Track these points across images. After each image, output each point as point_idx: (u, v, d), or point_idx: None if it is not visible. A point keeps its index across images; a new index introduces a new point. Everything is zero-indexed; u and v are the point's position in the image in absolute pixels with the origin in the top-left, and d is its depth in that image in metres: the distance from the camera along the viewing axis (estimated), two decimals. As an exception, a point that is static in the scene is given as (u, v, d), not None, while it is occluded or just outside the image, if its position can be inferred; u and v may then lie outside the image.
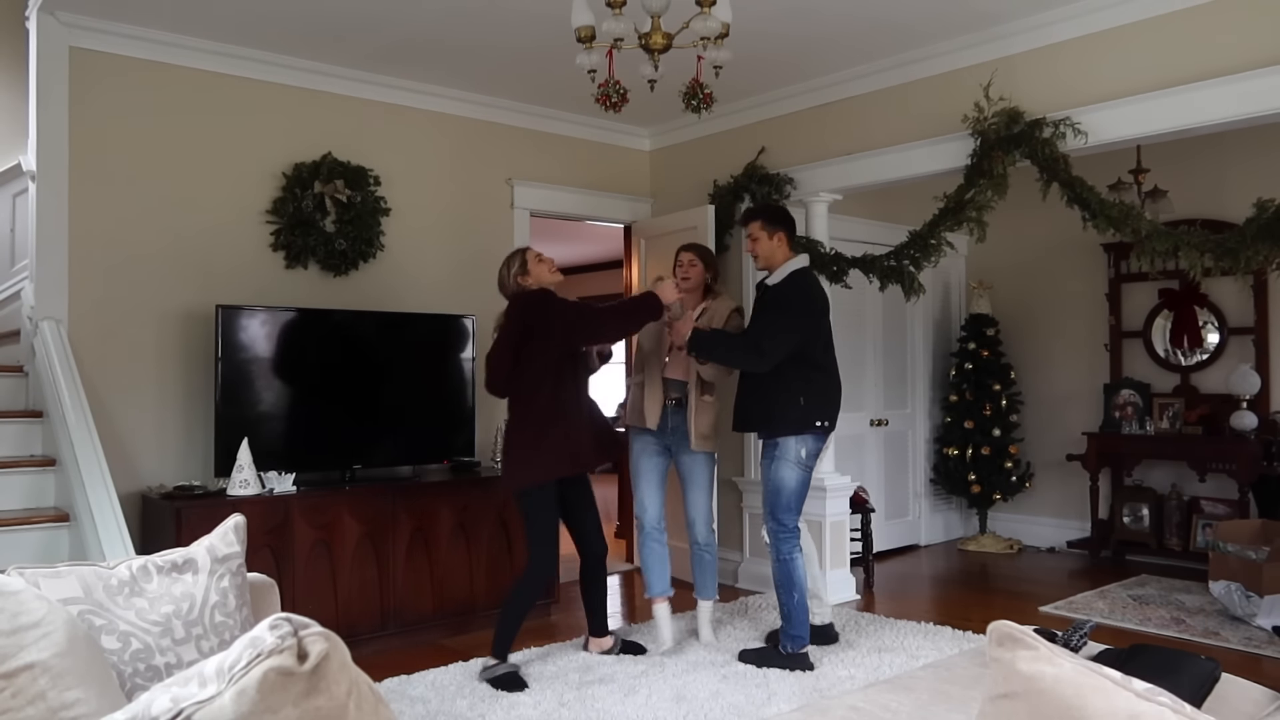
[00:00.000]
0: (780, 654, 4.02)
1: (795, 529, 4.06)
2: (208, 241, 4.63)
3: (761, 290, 4.22)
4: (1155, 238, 4.05)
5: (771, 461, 4.04)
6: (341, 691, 1.12)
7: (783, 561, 4.03)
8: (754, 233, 4.18)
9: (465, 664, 4.08)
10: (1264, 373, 5.75)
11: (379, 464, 4.84)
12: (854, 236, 5.81)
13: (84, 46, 4.30)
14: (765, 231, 4.15)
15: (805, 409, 4.00)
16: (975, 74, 4.54)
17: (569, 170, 5.95)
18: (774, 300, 4.10)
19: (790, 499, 4.03)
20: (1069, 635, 2.27)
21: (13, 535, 3.73)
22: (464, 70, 5.06)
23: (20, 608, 1.52)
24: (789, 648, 4.01)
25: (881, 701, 2.09)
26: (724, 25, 3.02)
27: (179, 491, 4.21)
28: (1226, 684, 1.98)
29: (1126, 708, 1.14)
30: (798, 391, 4.00)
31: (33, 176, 4.33)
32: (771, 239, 4.15)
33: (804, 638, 4.02)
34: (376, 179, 5.07)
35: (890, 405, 6.68)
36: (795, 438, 4.00)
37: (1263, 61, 3.68)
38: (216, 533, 2.19)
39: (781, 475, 4.02)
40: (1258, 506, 5.58)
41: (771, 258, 4.16)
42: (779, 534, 4.04)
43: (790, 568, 4.03)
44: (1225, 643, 4.36)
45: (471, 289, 5.48)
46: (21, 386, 4.34)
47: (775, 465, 4.03)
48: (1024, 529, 6.84)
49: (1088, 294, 6.58)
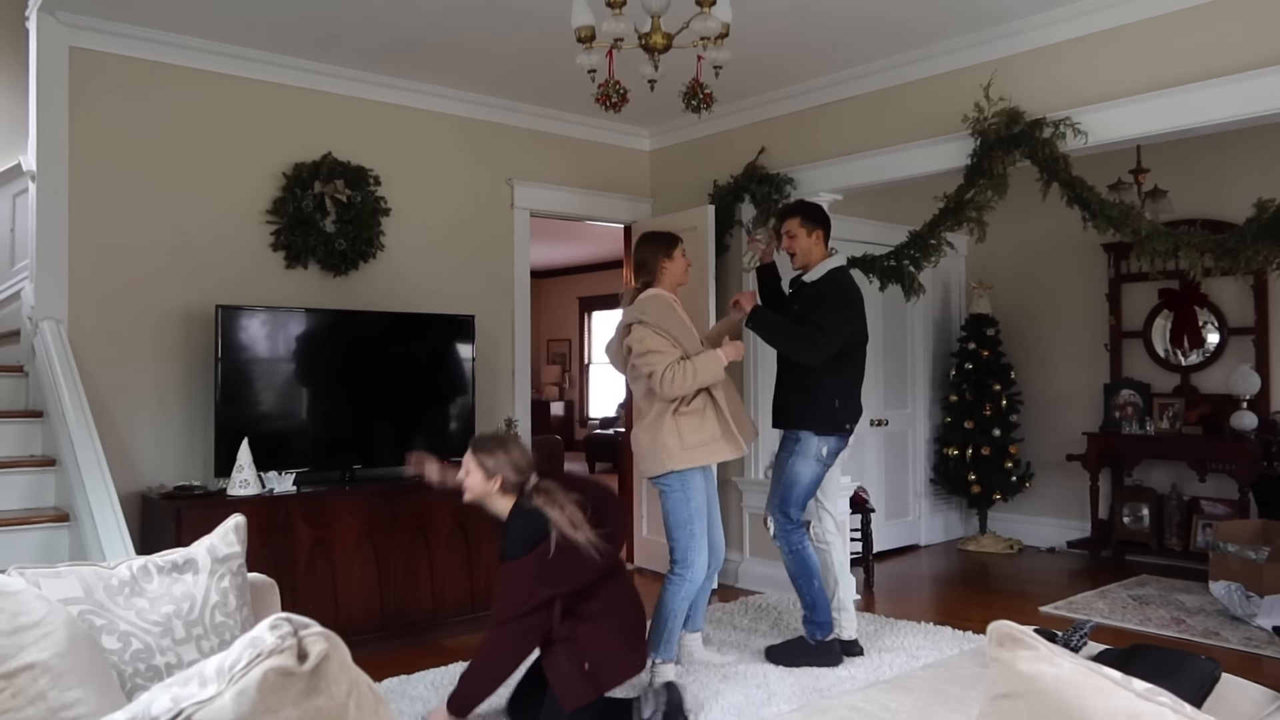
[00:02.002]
0: (810, 646, 4.00)
1: (801, 522, 4.06)
2: (208, 241, 4.63)
3: (798, 287, 4.19)
4: (1155, 238, 4.05)
5: (790, 455, 4.03)
6: (341, 691, 1.12)
7: (795, 553, 4.03)
8: (793, 230, 4.15)
9: (465, 664, 4.08)
10: (1264, 373, 5.75)
11: (379, 464, 4.83)
12: (854, 236, 5.80)
13: (84, 46, 4.30)
14: (804, 229, 4.13)
15: (838, 410, 4.00)
16: (975, 74, 4.53)
17: (569, 170, 5.95)
18: (816, 297, 4.05)
19: (802, 494, 4.03)
20: (1069, 635, 2.27)
21: (13, 535, 3.73)
22: (464, 70, 5.06)
23: (20, 608, 1.52)
24: (817, 635, 4.00)
25: (881, 701, 2.09)
26: (724, 25, 3.01)
27: (179, 491, 4.22)
28: (1226, 684, 1.98)
29: (1126, 708, 1.14)
30: (833, 391, 3.99)
31: (33, 176, 4.33)
32: (810, 236, 4.13)
33: (829, 624, 4.01)
34: (376, 179, 5.07)
35: (890, 405, 6.68)
36: (819, 436, 3.99)
37: (1263, 61, 3.68)
38: (217, 533, 2.19)
39: (799, 470, 4.00)
40: (1258, 506, 5.58)
41: (809, 255, 4.14)
42: (786, 527, 4.03)
43: (804, 556, 4.02)
44: (1225, 643, 4.36)
45: (471, 289, 5.48)
46: (21, 386, 4.34)
47: (794, 459, 4.01)
48: (1024, 529, 6.84)
49: (1088, 294, 6.58)
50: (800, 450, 4.00)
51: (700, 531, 3.72)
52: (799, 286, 4.18)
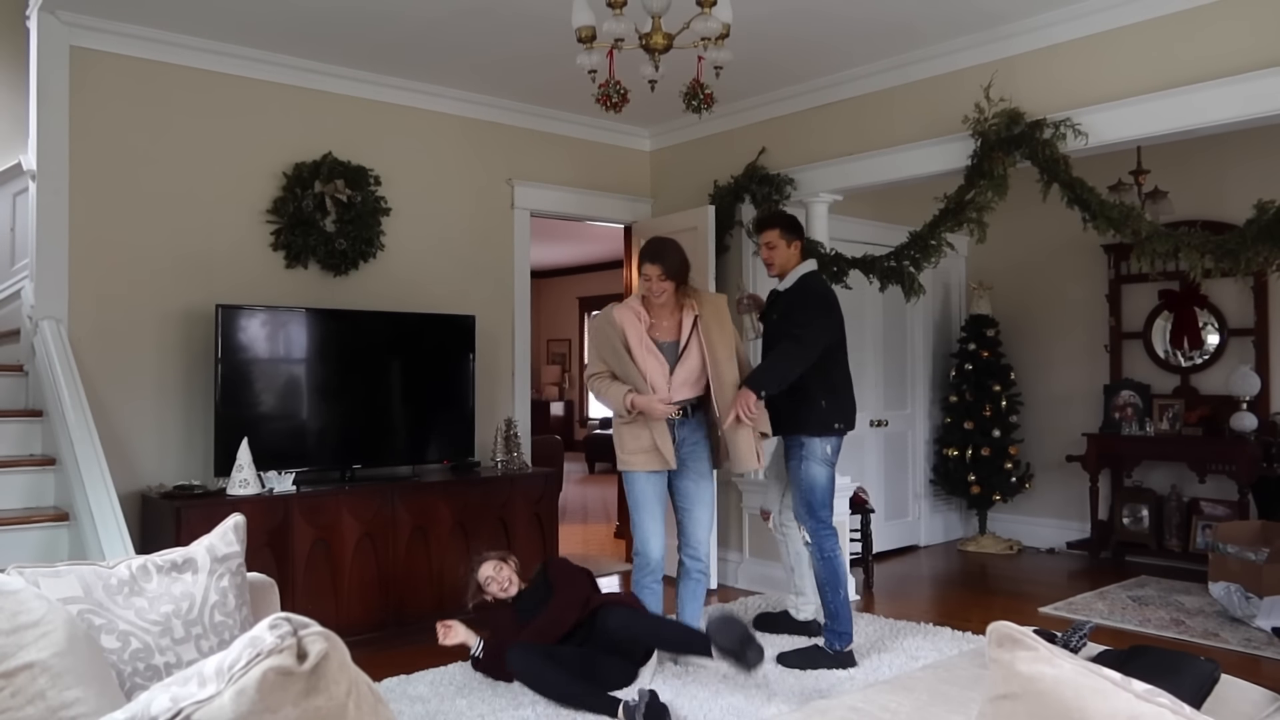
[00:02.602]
0: (828, 654, 4.01)
1: (833, 525, 4.09)
2: (208, 241, 4.63)
3: (774, 297, 4.25)
4: (1155, 239, 4.05)
5: (800, 462, 4.05)
6: (341, 691, 1.12)
7: (827, 559, 4.03)
8: (773, 240, 4.19)
9: (465, 664, 4.08)
10: (1264, 374, 5.75)
11: (379, 464, 4.84)
12: (854, 237, 5.81)
13: (84, 46, 4.30)
14: (784, 239, 4.18)
15: (826, 411, 4.02)
16: (975, 75, 4.54)
17: (569, 170, 5.95)
18: (790, 306, 4.12)
19: (824, 495, 4.05)
20: (1068, 636, 2.27)
21: (12, 535, 3.73)
22: (464, 70, 5.06)
23: (20, 607, 1.52)
24: (836, 646, 4.01)
25: (881, 702, 2.09)
26: (724, 25, 3.02)
27: (179, 491, 4.22)
28: (1226, 685, 1.98)
29: (1126, 709, 1.14)
30: (818, 393, 4.01)
31: (33, 176, 4.33)
32: (790, 247, 4.19)
33: (849, 634, 4.02)
34: (376, 179, 5.07)
35: (890, 406, 6.68)
36: (820, 438, 4.02)
37: (1263, 62, 3.68)
38: (216, 532, 2.19)
39: (813, 474, 4.02)
40: (1257, 508, 5.58)
41: (786, 265, 4.20)
42: (820, 531, 4.04)
43: (835, 564, 4.03)
44: (1225, 644, 4.36)
45: (471, 289, 5.48)
46: (21, 386, 4.34)
47: (806, 465, 4.03)
48: (1024, 530, 6.84)
49: (1088, 295, 6.58)
50: (807, 455, 4.02)
51: (640, 523, 3.96)
52: (774, 296, 4.25)
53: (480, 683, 3.84)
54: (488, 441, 5.30)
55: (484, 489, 4.87)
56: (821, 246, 5.18)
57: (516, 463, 5.18)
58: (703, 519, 4.03)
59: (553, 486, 5.28)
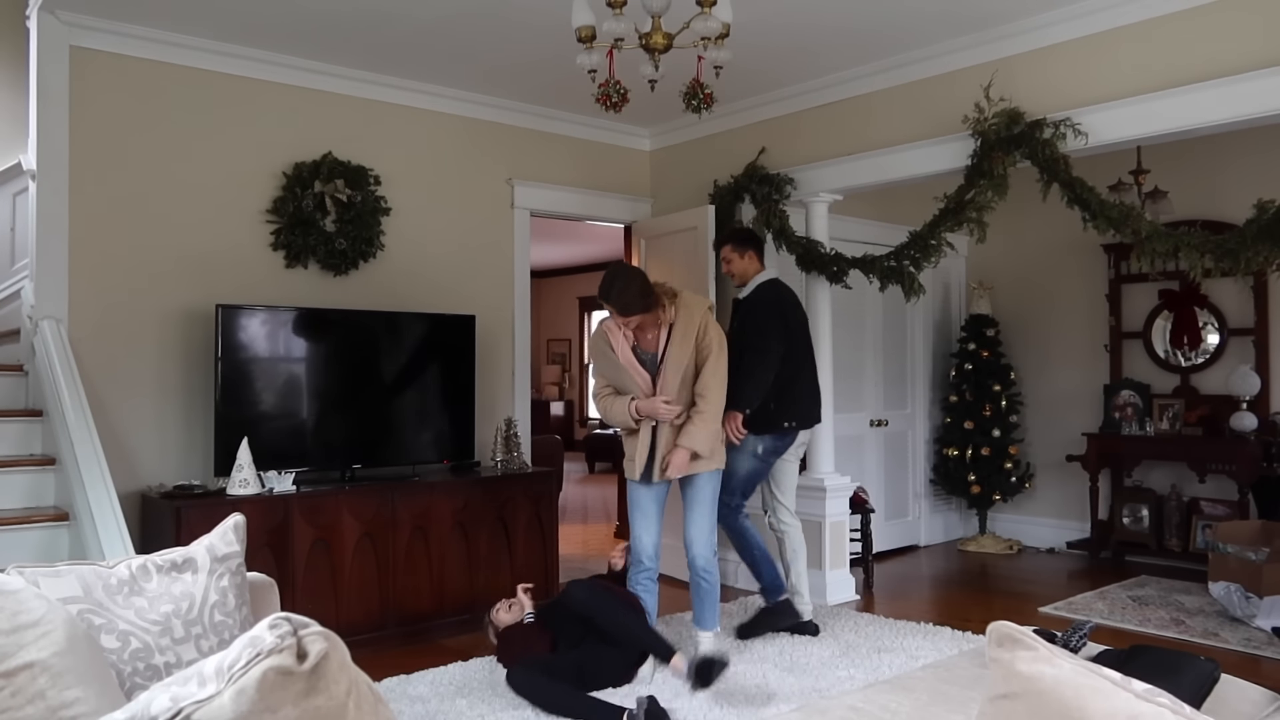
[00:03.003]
0: (769, 611, 4.37)
1: (739, 506, 4.44)
2: (208, 240, 4.63)
3: (735, 306, 4.57)
4: (1155, 239, 4.05)
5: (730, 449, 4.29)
6: (341, 691, 1.12)
7: (729, 528, 4.43)
8: (727, 255, 4.57)
9: (465, 664, 4.08)
10: (1264, 374, 5.75)
11: (379, 464, 4.83)
12: (854, 237, 5.81)
13: (84, 46, 4.30)
14: (736, 252, 4.53)
15: (773, 411, 4.32)
16: (975, 75, 4.54)
17: (569, 170, 5.95)
18: (748, 313, 4.44)
19: (738, 484, 4.38)
20: (1068, 636, 2.27)
21: (12, 534, 3.73)
22: (464, 70, 5.06)
23: (20, 607, 1.52)
24: (769, 598, 4.41)
25: (881, 702, 2.09)
26: (724, 25, 3.01)
27: (179, 491, 4.22)
28: (1226, 685, 1.98)
29: (1126, 708, 1.14)
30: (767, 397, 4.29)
31: (33, 176, 4.33)
32: (743, 258, 4.53)
33: (780, 586, 4.43)
34: (376, 179, 5.07)
35: (890, 405, 6.68)
36: (755, 435, 4.32)
37: (1263, 63, 3.68)
38: (216, 532, 2.19)
39: (735, 461, 4.30)
40: (1257, 507, 5.58)
41: (745, 274, 4.54)
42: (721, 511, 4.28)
43: (738, 531, 4.44)
44: (1225, 644, 4.36)
45: (471, 289, 5.48)
46: (21, 386, 4.34)
47: (733, 452, 4.28)
48: (1024, 529, 6.84)
49: (1088, 295, 6.58)
50: (740, 446, 4.31)
51: (633, 524, 4.15)
52: (736, 304, 4.58)
53: (480, 683, 3.84)
54: (488, 441, 5.30)
55: (484, 489, 4.87)
56: (821, 246, 5.18)
57: (516, 462, 5.18)
58: (697, 521, 4.09)
59: (553, 486, 5.28)
